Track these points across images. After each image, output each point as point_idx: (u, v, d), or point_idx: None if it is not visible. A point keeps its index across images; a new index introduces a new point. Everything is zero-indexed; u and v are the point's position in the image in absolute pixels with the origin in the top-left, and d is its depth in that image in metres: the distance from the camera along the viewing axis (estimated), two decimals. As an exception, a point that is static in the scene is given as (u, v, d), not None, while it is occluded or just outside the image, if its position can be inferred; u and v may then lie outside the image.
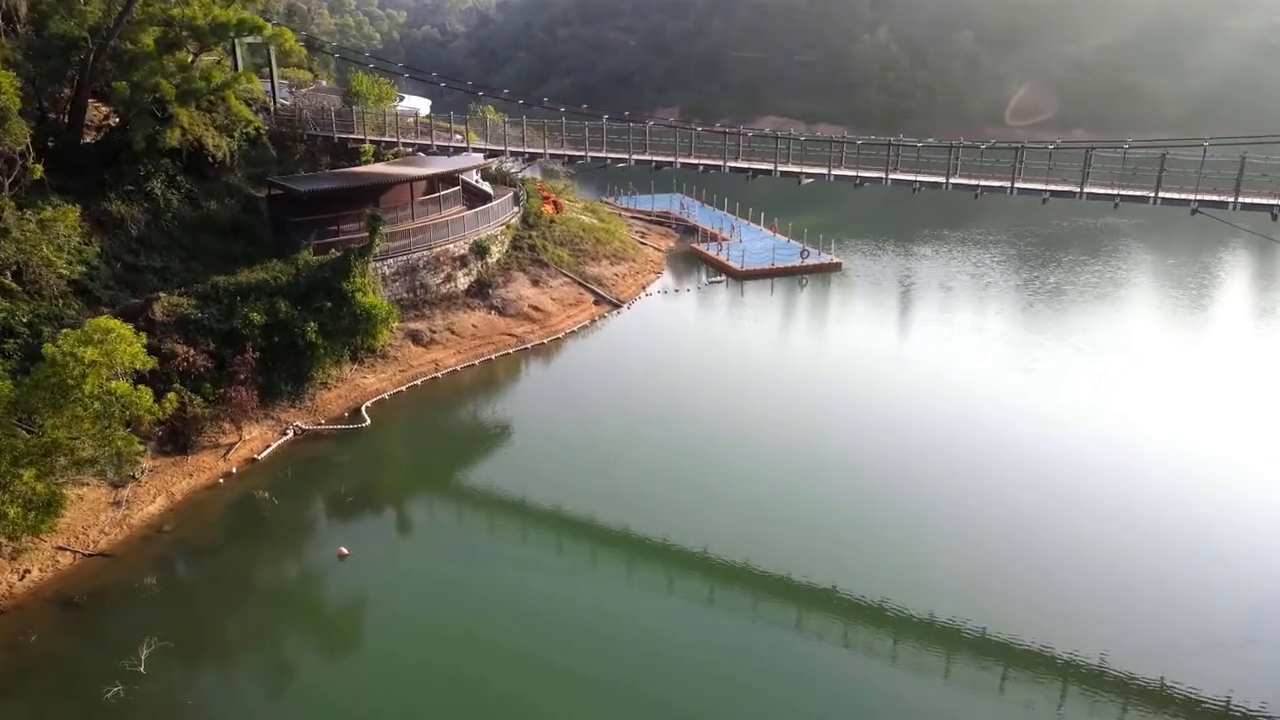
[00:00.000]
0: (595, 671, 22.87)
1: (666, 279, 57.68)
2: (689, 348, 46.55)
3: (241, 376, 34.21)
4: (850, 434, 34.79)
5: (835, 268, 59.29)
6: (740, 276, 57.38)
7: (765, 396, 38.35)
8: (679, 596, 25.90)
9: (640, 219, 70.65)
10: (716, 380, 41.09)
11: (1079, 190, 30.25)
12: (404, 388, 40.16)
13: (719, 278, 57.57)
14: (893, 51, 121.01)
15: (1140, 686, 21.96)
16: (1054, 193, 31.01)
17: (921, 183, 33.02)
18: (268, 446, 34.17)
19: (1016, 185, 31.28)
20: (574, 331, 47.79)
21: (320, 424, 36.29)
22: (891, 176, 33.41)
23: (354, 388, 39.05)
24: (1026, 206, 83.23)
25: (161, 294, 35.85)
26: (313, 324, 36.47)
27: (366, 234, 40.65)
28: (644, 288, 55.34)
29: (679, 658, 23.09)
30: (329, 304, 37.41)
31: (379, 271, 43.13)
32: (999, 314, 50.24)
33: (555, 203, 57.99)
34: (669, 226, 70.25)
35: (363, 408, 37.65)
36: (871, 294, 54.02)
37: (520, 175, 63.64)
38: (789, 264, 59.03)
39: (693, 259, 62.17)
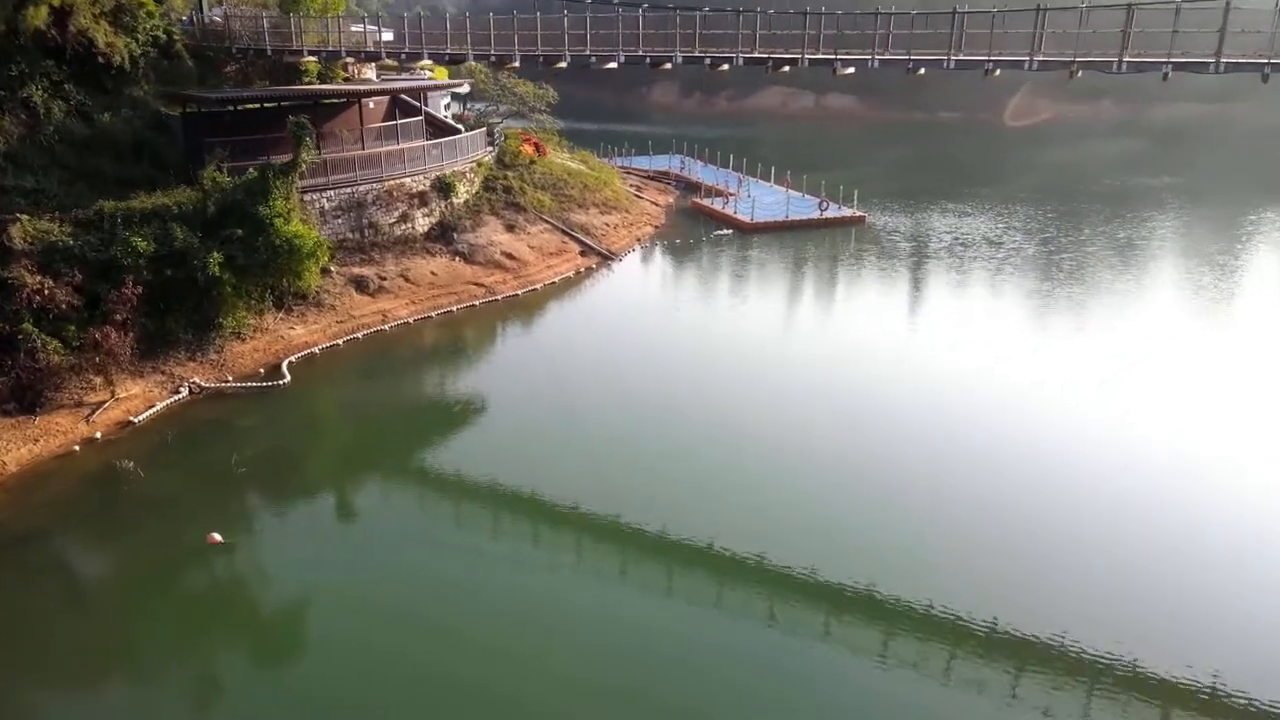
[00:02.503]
0: (591, 677, 16.72)
1: (665, 232, 50.03)
2: (689, 309, 38.76)
3: (118, 317, 26.60)
4: (870, 418, 26.87)
5: (858, 222, 51.65)
6: (749, 230, 49.75)
7: (774, 374, 30.40)
8: (679, 596, 18.89)
9: (636, 175, 63.16)
10: (720, 348, 33.32)
11: (1214, 60, 22.67)
12: (341, 341, 32.56)
13: (725, 231, 49.94)
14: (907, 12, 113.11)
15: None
16: (1177, 65, 23.38)
17: (995, 62, 25.41)
18: (151, 406, 26.59)
19: (1125, 59, 23.63)
20: (554, 283, 40.17)
21: (227, 381, 28.72)
22: (955, 58, 25.79)
23: (276, 339, 31.45)
24: (1078, 162, 76.46)
25: (24, 216, 28.24)
26: (217, 255, 28.82)
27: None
28: (639, 240, 47.71)
29: (684, 661, 17.01)
30: (240, 232, 29.77)
31: (316, 205, 35.56)
32: (1038, 280, 41.71)
33: (537, 145, 50.37)
34: (668, 183, 62.81)
35: (284, 363, 30.08)
36: (897, 253, 46.03)
37: (501, 125, 56.32)
38: (805, 217, 51.47)
39: (695, 214, 54.52)
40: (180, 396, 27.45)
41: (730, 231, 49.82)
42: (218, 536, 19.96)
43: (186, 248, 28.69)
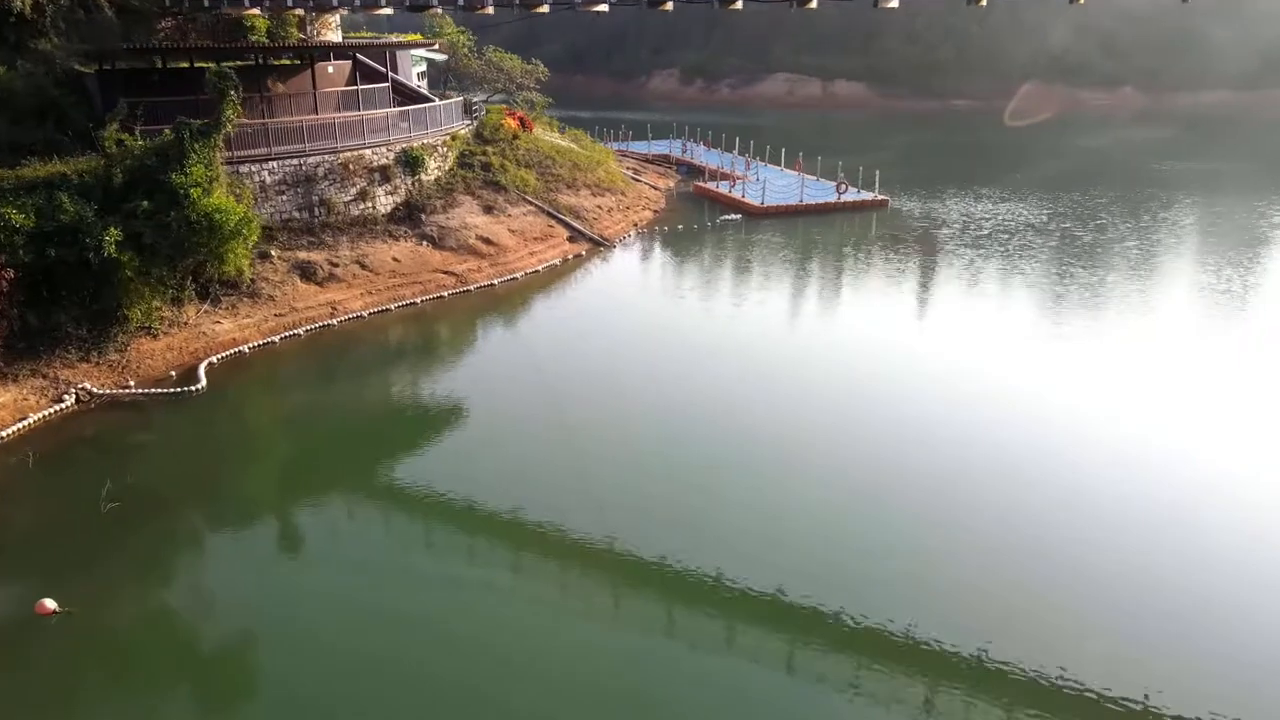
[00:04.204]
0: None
1: (665, 217, 44.76)
2: (692, 302, 33.08)
3: (-18, 307, 21.35)
4: (900, 428, 21.51)
5: (880, 206, 46.41)
6: (759, 215, 44.55)
7: (783, 376, 24.90)
8: (682, 636, 14.23)
9: (634, 158, 58.00)
10: (726, 347, 27.75)
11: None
12: (277, 338, 27.29)
13: (733, 216, 44.67)
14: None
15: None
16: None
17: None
18: (23, 418, 21.30)
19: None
20: (538, 272, 34.90)
21: (127, 386, 23.43)
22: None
23: (196, 336, 26.17)
24: (1107, 148, 70.80)
25: (-124, 184, 23.01)
26: (114, 232, 23.51)
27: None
28: (635, 225, 42.43)
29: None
30: (147, 204, 24.46)
31: (255, 177, 30.32)
32: (1103, 272, 35.67)
33: (522, 119, 45.14)
34: (669, 167, 57.68)
35: (202, 365, 24.79)
36: (927, 240, 40.26)
37: (485, 102, 51.18)
38: (821, 201, 46.21)
39: (699, 199, 49.34)
40: (64, 406, 22.15)
41: (738, 217, 44.56)
42: (51, 604, 14.60)
43: (77, 223, 23.37)
